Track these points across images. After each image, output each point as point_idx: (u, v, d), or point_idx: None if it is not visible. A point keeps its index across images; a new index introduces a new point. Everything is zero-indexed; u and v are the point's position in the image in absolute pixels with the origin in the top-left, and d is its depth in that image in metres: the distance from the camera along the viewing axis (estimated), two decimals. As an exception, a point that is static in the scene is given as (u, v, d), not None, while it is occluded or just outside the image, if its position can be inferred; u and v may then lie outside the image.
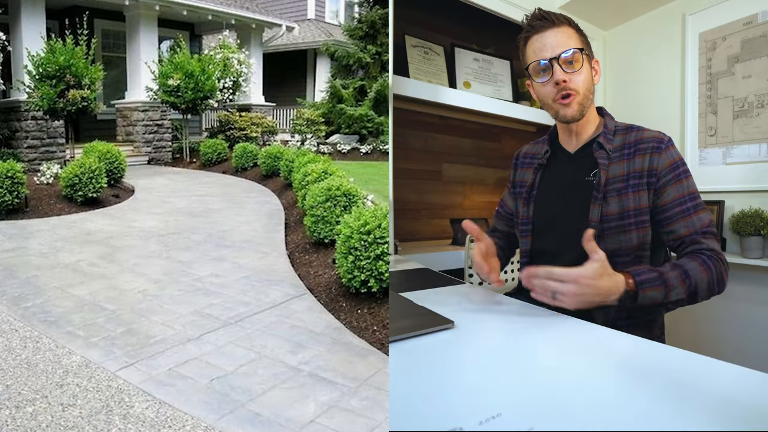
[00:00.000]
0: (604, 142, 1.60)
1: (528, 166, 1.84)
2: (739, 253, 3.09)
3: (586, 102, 1.59)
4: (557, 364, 0.99)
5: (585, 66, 1.57)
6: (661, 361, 1.01)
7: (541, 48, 1.57)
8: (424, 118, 3.96)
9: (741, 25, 3.14)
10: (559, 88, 1.56)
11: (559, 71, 1.54)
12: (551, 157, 1.76)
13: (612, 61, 4.08)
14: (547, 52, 1.55)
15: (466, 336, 1.16)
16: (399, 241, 3.13)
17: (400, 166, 3.82)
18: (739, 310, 3.09)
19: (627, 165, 1.56)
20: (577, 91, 1.56)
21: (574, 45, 1.55)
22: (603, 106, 1.73)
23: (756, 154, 3.08)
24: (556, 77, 1.55)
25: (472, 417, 0.73)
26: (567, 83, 1.55)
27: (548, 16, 1.58)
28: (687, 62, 3.44)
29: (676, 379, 0.91)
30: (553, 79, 1.55)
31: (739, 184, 3.12)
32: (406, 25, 3.71)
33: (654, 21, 3.72)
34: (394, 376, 0.92)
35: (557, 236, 1.68)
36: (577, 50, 1.55)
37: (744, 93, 3.13)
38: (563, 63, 1.54)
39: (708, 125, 3.32)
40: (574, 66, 1.55)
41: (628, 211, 1.53)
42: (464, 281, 1.88)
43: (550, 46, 1.55)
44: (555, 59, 1.54)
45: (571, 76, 1.55)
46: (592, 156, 1.62)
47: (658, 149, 1.53)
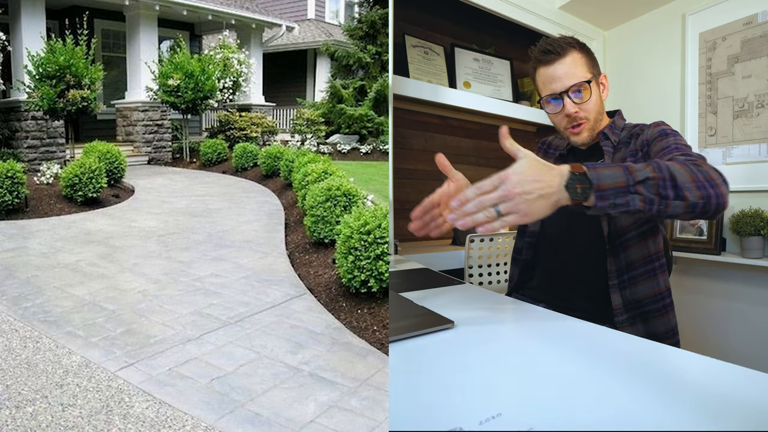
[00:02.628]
0: (609, 133, 1.69)
1: (551, 155, 1.92)
2: (739, 253, 3.09)
3: (596, 125, 1.68)
4: (557, 364, 0.99)
5: (593, 93, 1.63)
6: (662, 361, 1.01)
7: (550, 80, 1.63)
8: (424, 118, 3.96)
9: (741, 25, 3.14)
10: (570, 119, 1.64)
11: (570, 104, 1.61)
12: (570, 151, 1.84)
13: (612, 61, 4.08)
14: (557, 84, 1.61)
15: (466, 336, 1.16)
16: (399, 241, 3.13)
17: (400, 166, 3.82)
18: (739, 310, 3.09)
19: (626, 150, 1.65)
20: (587, 119, 1.65)
21: (581, 74, 1.60)
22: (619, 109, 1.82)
23: (756, 154, 3.08)
24: (567, 110, 1.62)
25: (472, 417, 0.73)
26: (578, 113, 1.63)
27: (553, 48, 1.61)
28: (687, 62, 3.44)
29: (676, 379, 0.91)
30: (564, 111, 1.63)
31: (739, 184, 3.12)
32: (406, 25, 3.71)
33: (654, 21, 3.72)
34: (394, 376, 0.92)
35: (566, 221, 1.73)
36: (585, 82, 1.60)
37: (744, 93, 3.13)
38: (572, 94, 1.61)
39: (708, 125, 3.32)
40: (582, 97, 1.61)
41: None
42: (464, 281, 1.88)
43: (558, 79, 1.61)
44: (565, 92, 1.60)
45: (581, 106, 1.62)
46: (599, 147, 1.71)
47: (648, 127, 1.62)
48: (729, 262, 3.08)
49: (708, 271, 3.26)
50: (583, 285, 1.71)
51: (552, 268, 1.80)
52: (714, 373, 0.93)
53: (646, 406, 0.78)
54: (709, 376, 0.92)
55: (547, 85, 1.64)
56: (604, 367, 0.97)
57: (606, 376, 0.92)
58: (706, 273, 3.27)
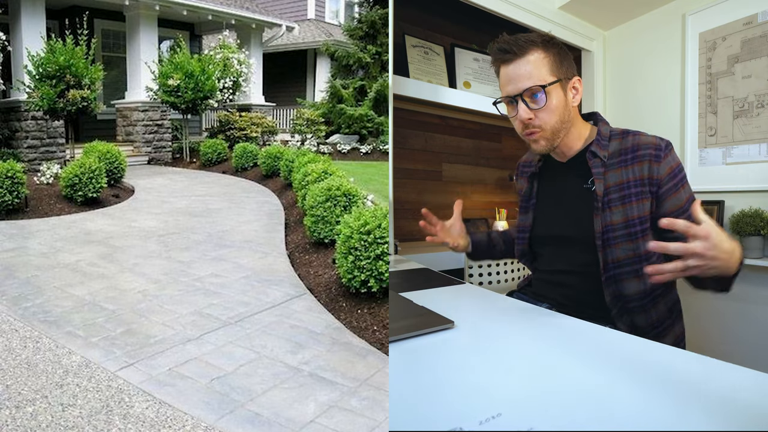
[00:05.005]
0: (597, 150, 1.56)
1: (524, 175, 1.83)
2: (739, 253, 3.09)
3: (555, 136, 1.54)
4: (557, 364, 0.99)
5: (553, 99, 1.49)
6: (661, 362, 1.01)
7: (506, 82, 1.51)
8: (424, 118, 3.96)
9: (741, 25, 3.14)
10: (523, 125, 1.52)
11: (524, 109, 1.49)
12: (545, 167, 1.74)
13: (612, 61, 4.08)
14: (511, 87, 1.50)
15: (466, 336, 1.16)
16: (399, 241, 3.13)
17: (400, 166, 3.82)
18: (739, 310, 3.09)
19: (626, 172, 1.52)
20: (542, 128, 1.51)
21: (540, 77, 1.47)
22: (597, 111, 1.70)
23: (756, 154, 3.08)
24: (519, 116, 1.50)
25: (472, 417, 0.73)
26: (532, 120, 1.49)
27: (510, 47, 1.48)
28: (687, 62, 3.44)
29: (676, 379, 0.91)
30: (519, 117, 1.51)
31: (739, 184, 3.12)
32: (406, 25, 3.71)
33: (654, 21, 3.72)
34: (394, 376, 0.92)
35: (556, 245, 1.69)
36: (540, 87, 1.46)
37: (744, 93, 3.13)
38: (527, 98, 1.48)
39: (708, 125, 3.32)
40: (539, 102, 1.48)
41: (632, 220, 1.50)
42: (464, 281, 1.88)
43: (513, 81, 1.49)
44: (519, 96, 1.48)
45: (536, 113, 1.49)
46: (587, 164, 1.58)
47: (657, 157, 1.49)
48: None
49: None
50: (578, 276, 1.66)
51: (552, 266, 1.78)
52: (714, 373, 0.93)
53: (646, 406, 0.78)
54: (709, 376, 0.92)
55: (503, 86, 1.51)
56: (604, 367, 0.97)
57: (606, 376, 0.92)
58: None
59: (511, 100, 1.51)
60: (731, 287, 1.32)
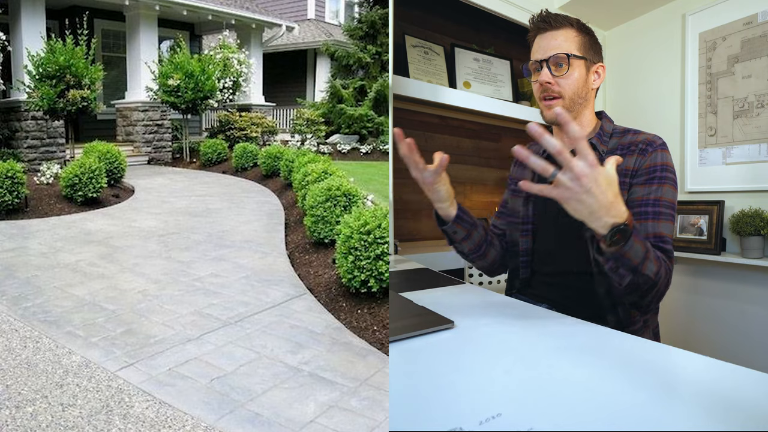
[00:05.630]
0: (597, 144, 1.60)
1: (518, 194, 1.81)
2: (739, 253, 3.09)
3: (572, 107, 1.60)
4: (557, 364, 0.99)
5: (575, 70, 1.57)
6: (661, 361, 1.01)
7: (537, 49, 1.61)
8: (424, 118, 3.96)
9: (741, 25, 3.14)
10: (542, 89, 1.58)
11: (546, 73, 1.57)
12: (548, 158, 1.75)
13: (612, 61, 4.08)
14: (540, 53, 1.59)
15: (466, 336, 1.16)
16: (399, 241, 3.13)
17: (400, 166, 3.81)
18: (739, 310, 3.09)
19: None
20: (561, 95, 1.57)
21: (568, 49, 1.56)
22: (603, 110, 1.73)
23: (756, 154, 3.08)
24: (541, 78, 1.58)
25: (472, 417, 0.73)
26: (551, 85, 1.57)
27: (548, 18, 1.60)
28: (687, 62, 3.44)
29: (676, 379, 0.91)
30: (539, 79, 1.58)
31: (739, 184, 3.12)
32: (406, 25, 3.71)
33: (654, 21, 3.72)
34: (394, 376, 0.92)
35: (556, 235, 1.69)
36: (565, 55, 1.55)
37: (744, 93, 3.13)
38: (552, 65, 1.57)
39: (708, 125, 3.32)
40: (562, 69, 1.56)
41: None
42: (464, 281, 1.88)
43: (543, 49, 1.59)
44: (545, 61, 1.57)
45: (558, 80, 1.56)
46: None
47: (644, 151, 1.52)
48: (729, 262, 3.08)
49: (708, 271, 3.26)
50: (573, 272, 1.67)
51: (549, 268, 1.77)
52: (714, 373, 0.93)
53: (646, 405, 0.78)
54: (709, 376, 0.92)
55: (534, 53, 1.62)
56: (604, 367, 0.97)
57: (606, 376, 0.92)
58: (706, 273, 3.27)
59: (538, 66, 1.59)
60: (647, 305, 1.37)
